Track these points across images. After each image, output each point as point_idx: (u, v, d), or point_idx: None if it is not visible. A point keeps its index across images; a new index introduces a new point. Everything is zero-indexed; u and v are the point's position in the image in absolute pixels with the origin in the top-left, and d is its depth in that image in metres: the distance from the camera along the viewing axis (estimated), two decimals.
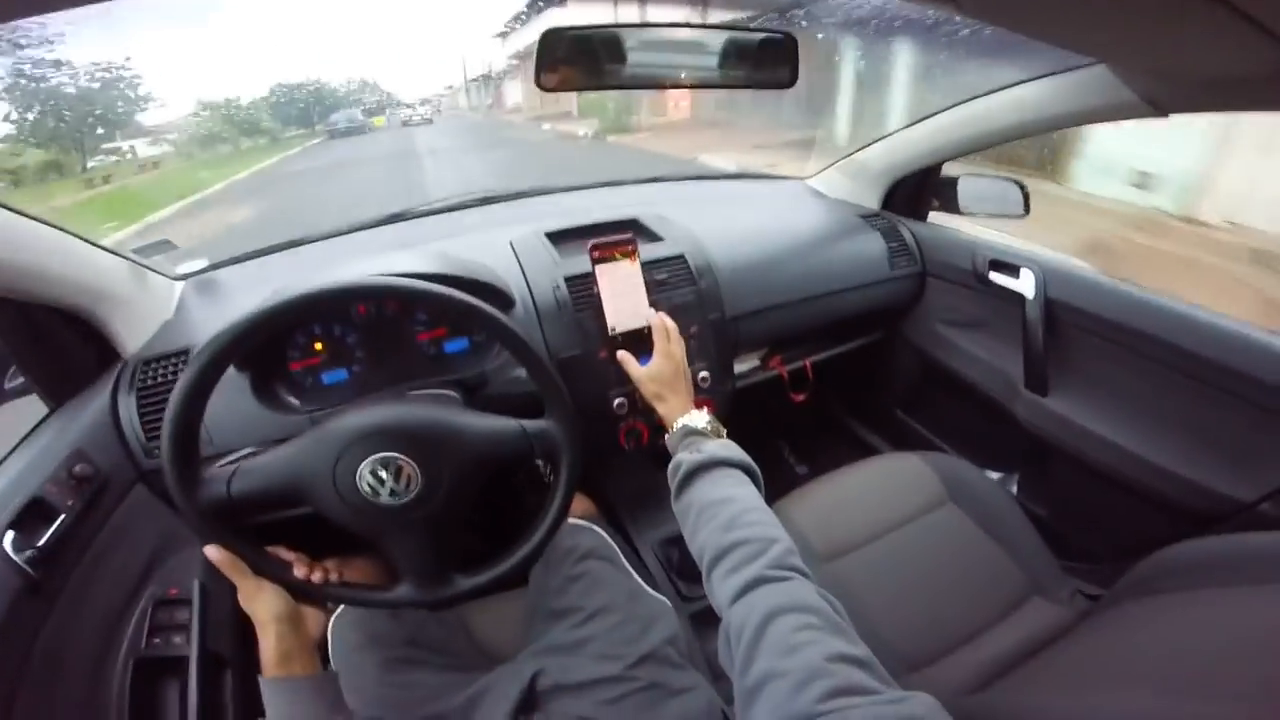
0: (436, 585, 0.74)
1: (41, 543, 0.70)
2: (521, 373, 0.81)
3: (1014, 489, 1.34)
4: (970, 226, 1.41)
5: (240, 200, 12.03)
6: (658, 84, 0.65)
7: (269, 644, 0.65)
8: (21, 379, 0.89)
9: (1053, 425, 1.15)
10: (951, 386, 1.40)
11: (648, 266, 1.05)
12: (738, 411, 1.16)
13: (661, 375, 0.90)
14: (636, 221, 1.24)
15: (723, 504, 0.65)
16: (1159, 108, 0.84)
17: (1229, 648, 0.52)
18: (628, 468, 1.38)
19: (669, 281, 1.08)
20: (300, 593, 0.70)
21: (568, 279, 1.05)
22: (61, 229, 0.84)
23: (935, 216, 1.47)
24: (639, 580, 0.94)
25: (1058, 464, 1.19)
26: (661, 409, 0.89)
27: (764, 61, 0.66)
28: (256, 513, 0.69)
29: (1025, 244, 1.30)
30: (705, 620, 0.96)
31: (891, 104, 6.46)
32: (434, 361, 0.98)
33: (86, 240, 0.89)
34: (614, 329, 1.00)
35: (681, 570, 1.20)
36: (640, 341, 1.01)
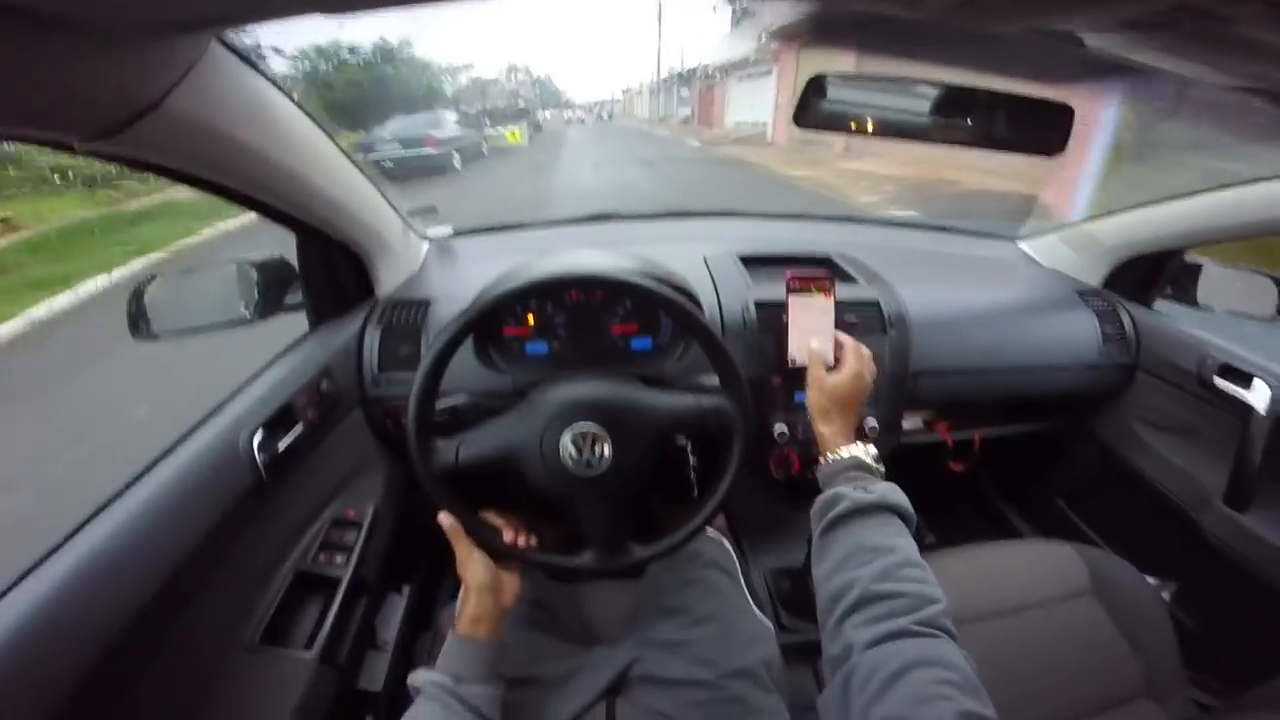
0: (617, 553, 0.81)
1: (281, 448, 0.82)
2: (700, 380, 0.86)
3: (1167, 596, 1.23)
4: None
5: None
6: (917, 137, 0.67)
7: (469, 606, 0.73)
8: (298, 296, 1.04)
9: (1241, 541, 1.05)
10: (1133, 488, 1.28)
11: (841, 306, 1.04)
12: (888, 467, 1.14)
13: (841, 391, 0.84)
14: (830, 259, 1.24)
15: (883, 552, 0.63)
16: None
17: None
18: (764, 493, 1.39)
19: (859, 325, 1.07)
20: (502, 556, 0.78)
21: (757, 303, 1.08)
22: (367, 176, 0.98)
23: (1161, 305, 1.33)
24: (749, 599, 0.95)
25: (1227, 578, 1.09)
26: (825, 428, 0.83)
27: (1035, 126, 0.65)
28: (477, 477, 0.78)
29: None
30: (796, 655, 0.96)
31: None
32: (622, 353, 1.06)
33: (380, 191, 1.04)
34: (794, 360, 1.01)
35: (788, 602, 1.20)
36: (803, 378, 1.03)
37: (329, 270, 1.04)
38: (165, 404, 2.77)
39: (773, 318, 1.05)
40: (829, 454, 0.79)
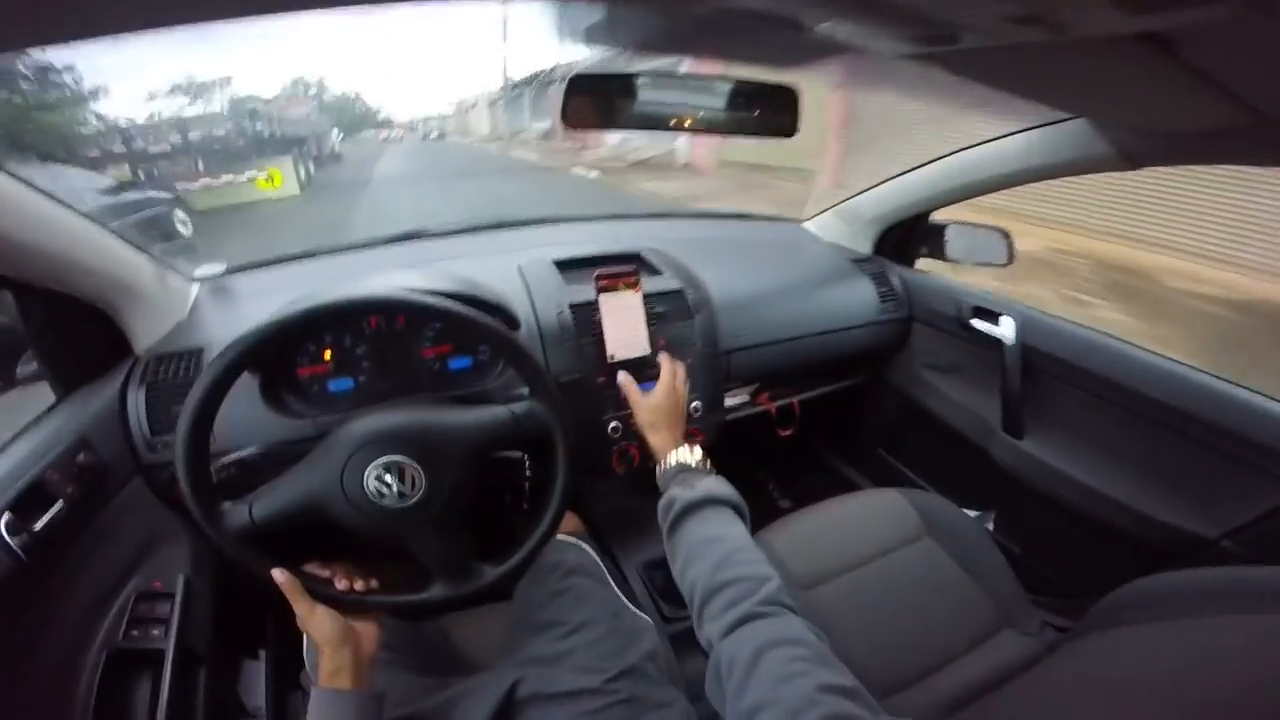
0: (467, 578, 0.78)
1: (37, 528, 0.71)
2: (522, 392, 0.85)
3: (990, 526, 1.38)
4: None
5: None
6: (670, 126, 0.71)
7: (324, 661, 0.69)
8: (33, 366, 0.90)
9: (1027, 466, 1.20)
10: (932, 428, 1.45)
11: (648, 298, 1.10)
12: (725, 444, 1.20)
13: (661, 407, 0.94)
14: (639, 255, 1.29)
15: (714, 543, 0.68)
16: (1132, 160, 0.92)
17: (1187, 677, 0.56)
18: (616, 490, 1.41)
19: (668, 314, 1.13)
20: (343, 605, 0.73)
21: (572, 305, 1.09)
22: (93, 220, 0.86)
23: (923, 263, 1.54)
24: (622, 598, 0.96)
25: (1031, 503, 1.23)
26: (654, 440, 0.91)
27: (768, 109, 0.72)
28: (281, 533, 0.72)
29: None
30: (685, 640, 0.98)
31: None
32: (437, 377, 1.02)
33: (115, 233, 0.91)
34: (613, 356, 1.05)
35: (665, 592, 1.22)
36: (635, 370, 1.05)
37: (65, 330, 0.88)
38: None
39: (589, 318, 1.07)
40: (661, 463, 0.86)
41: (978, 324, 1.28)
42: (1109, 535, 1.09)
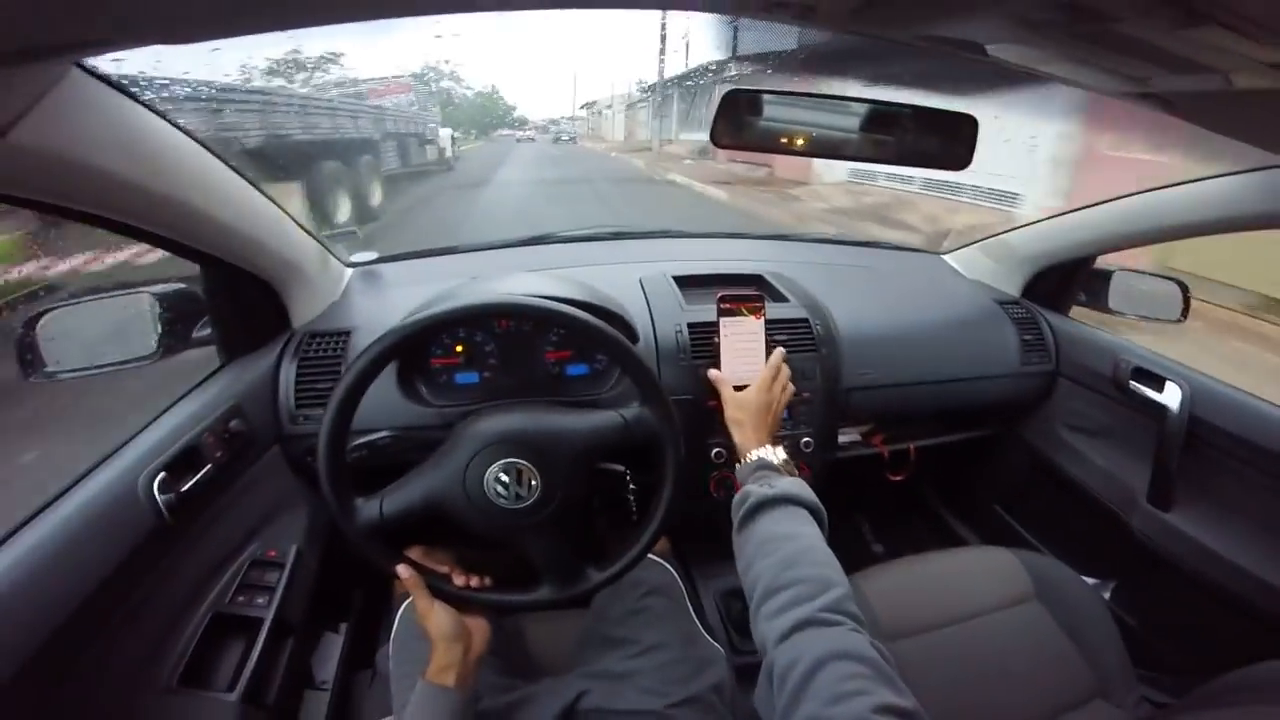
0: (574, 580, 0.80)
1: (185, 489, 0.78)
2: (634, 402, 0.85)
3: (1107, 596, 1.27)
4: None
5: None
6: (831, 154, 0.67)
7: (436, 656, 0.72)
8: (205, 331, 0.98)
9: (1168, 539, 1.09)
10: (1062, 490, 1.33)
11: (771, 326, 1.05)
12: (825, 480, 1.16)
13: (750, 404, 0.90)
14: (762, 278, 1.26)
15: (785, 540, 0.66)
16: None
17: None
18: (706, 515, 1.38)
19: (789, 343, 1.08)
20: (461, 601, 0.76)
21: (691, 325, 1.08)
22: (277, 204, 0.95)
23: (1079, 312, 1.39)
24: (697, 624, 0.95)
25: (1161, 577, 1.13)
26: (738, 436, 0.88)
27: (943, 139, 0.67)
28: (408, 529, 0.77)
29: None
30: (753, 674, 0.95)
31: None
32: (555, 380, 1.04)
33: (292, 218, 1.00)
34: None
35: (739, 624, 1.19)
36: None
37: (238, 302, 0.97)
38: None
39: (707, 339, 1.06)
40: (742, 459, 0.85)
41: (1138, 387, 1.15)
42: (1243, 615, 0.99)
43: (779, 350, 0.98)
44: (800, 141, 0.66)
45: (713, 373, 0.97)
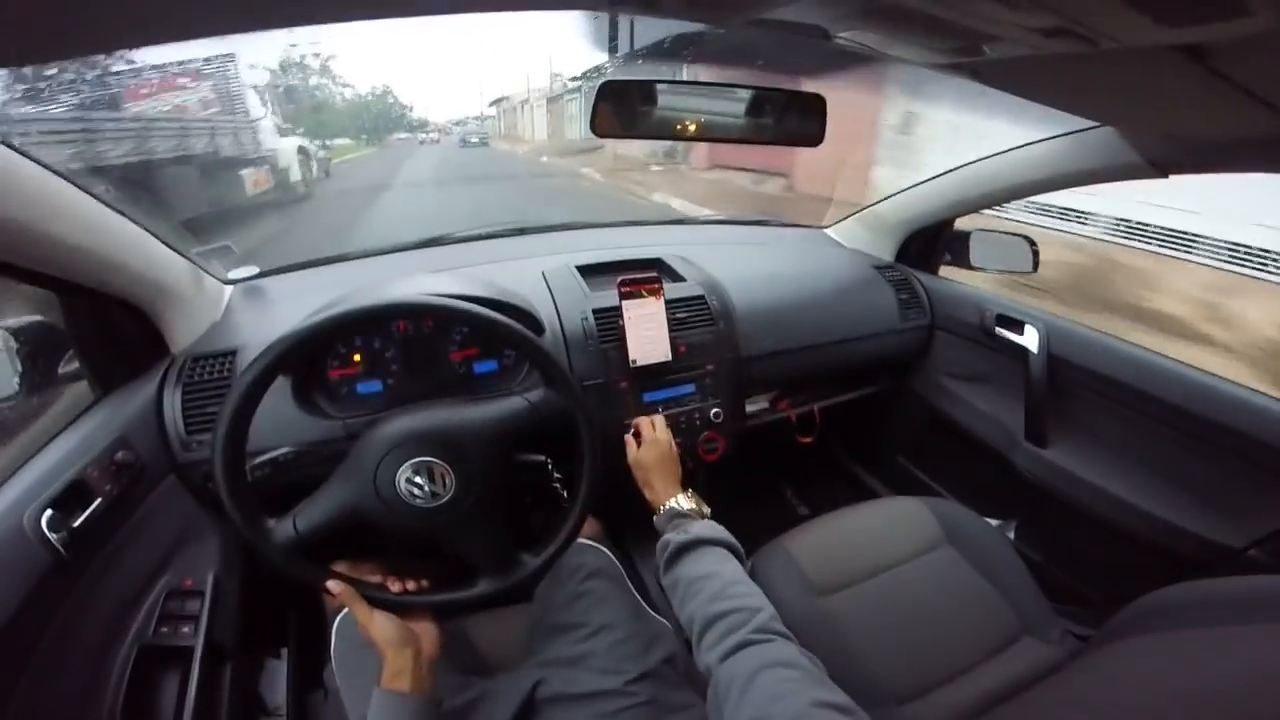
0: (510, 570, 0.81)
1: (77, 525, 0.73)
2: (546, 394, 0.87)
3: (1012, 535, 1.37)
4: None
5: None
6: (695, 136, 0.72)
7: (387, 663, 0.71)
8: (73, 365, 0.92)
9: (1051, 475, 1.19)
10: (954, 436, 1.44)
11: (670, 305, 1.10)
12: (745, 451, 1.20)
13: (645, 463, 0.97)
14: (661, 261, 1.30)
15: (707, 579, 0.72)
16: (1160, 169, 0.91)
17: (1211, 687, 0.55)
18: (636, 493, 1.42)
19: (689, 320, 1.14)
20: (397, 608, 0.75)
21: (595, 311, 1.10)
22: (138, 223, 0.89)
23: (947, 270, 1.52)
24: (641, 601, 0.97)
25: (1054, 512, 1.22)
26: (649, 494, 0.95)
27: (796, 117, 0.73)
28: (327, 542, 0.75)
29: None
30: None
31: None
32: (463, 380, 1.04)
33: (157, 237, 0.94)
34: (634, 361, 1.07)
35: None
36: (656, 376, 1.07)
37: (107, 330, 0.91)
38: None
39: (611, 323, 1.08)
40: (657, 512, 0.92)
41: (1002, 332, 1.27)
42: (1134, 544, 1.08)
43: (651, 419, 1.04)
44: (668, 126, 0.71)
45: (627, 437, 1.03)
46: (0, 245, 0.69)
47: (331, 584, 0.73)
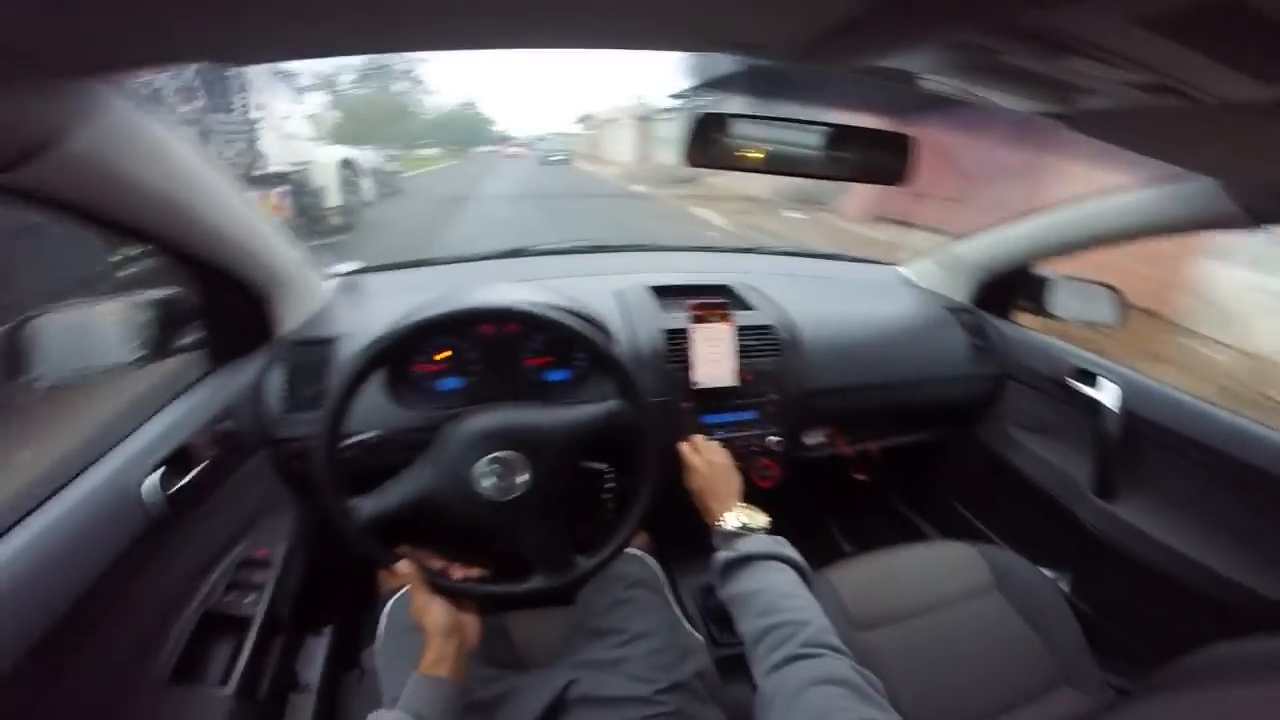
0: (564, 569, 0.84)
1: (178, 486, 0.80)
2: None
3: (1065, 588, 1.33)
4: None
5: None
6: (792, 171, 0.75)
7: (430, 649, 0.74)
8: (187, 339, 1.00)
9: (1114, 528, 1.17)
10: (1015, 485, 1.40)
11: (740, 332, 1.13)
12: (796, 482, 1.22)
13: (700, 485, 0.95)
14: (729, 288, 1.33)
15: (756, 594, 0.71)
16: (1259, 220, 0.90)
17: None
18: (685, 512, 1.43)
19: (756, 349, 1.16)
20: (455, 594, 0.79)
21: (665, 331, 1.14)
22: (263, 218, 0.99)
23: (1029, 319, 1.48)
24: (680, 615, 0.99)
25: (1113, 566, 1.19)
26: (708, 518, 0.92)
27: (885, 156, 0.76)
28: (397, 526, 0.80)
29: None
30: (732, 666, 0.99)
31: None
32: (535, 386, 1.09)
33: (278, 229, 1.04)
34: (697, 383, 1.10)
35: (717, 618, 1.24)
36: (720, 400, 1.10)
37: (228, 310, 1.01)
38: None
39: (680, 345, 1.12)
40: (714, 529, 0.88)
41: (1078, 386, 1.24)
42: (1193, 601, 1.05)
43: (693, 439, 1.02)
44: (762, 160, 0.74)
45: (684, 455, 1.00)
46: (174, 228, 0.78)
47: (401, 564, 0.77)
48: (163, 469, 0.79)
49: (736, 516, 0.87)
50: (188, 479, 0.82)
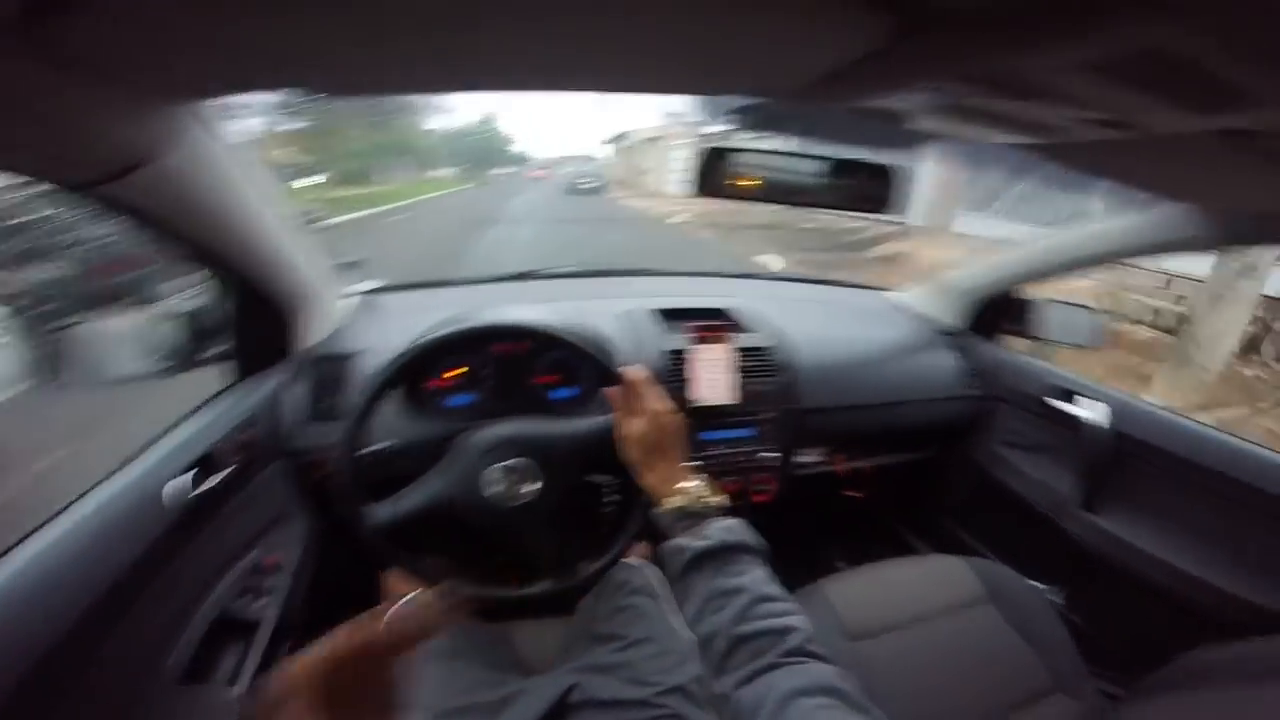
0: (570, 572, 0.87)
1: (200, 490, 0.84)
2: None
3: (1057, 600, 1.35)
4: None
5: None
6: (791, 201, 0.81)
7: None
8: (212, 351, 1.05)
9: (1101, 541, 1.20)
10: (1005, 502, 1.44)
11: (740, 353, 1.19)
12: (790, 498, 1.26)
13: (642, 438, 0.79)
14: (728, 311, 1.38)
15: (734, 594, 0.62)
16: (1239, 241, 0.96)
17: None
18: None
19: (755, 369, 1.21)
20: (471, 598, 0.84)
21: (667, 352, 1.19)
22: (294, 236, 1.03)
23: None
24: (679, 620, 0.99)
25: (1102, 577, 1.22)
26: (648, 479, 0.78)
27: (885, 187, 0.82)
28: (419, 529, 0.84)
29: None
30: None
31: None
32: (543, 402, 1.14)
33: (311, 245, 1.09)
34: (692, 400, 1.15)
35: None
36: (720, 417, 1.15)
37: (256, 323, 1.06)
38: None
39: (680, 364, 1.17)
40: (660, 504, 0.75)
41: (1064, 406, 1.29)
42: (1182, 611, 1.08)
43: (631, 369, 0.84)
44: (766, 190, 0.80)
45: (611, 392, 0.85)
46: (228, 244, 0.83)
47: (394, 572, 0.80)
48: (185, 474, 0.82)
49: (689, 490, 0.74)
50: (208, 485, 0.86)
